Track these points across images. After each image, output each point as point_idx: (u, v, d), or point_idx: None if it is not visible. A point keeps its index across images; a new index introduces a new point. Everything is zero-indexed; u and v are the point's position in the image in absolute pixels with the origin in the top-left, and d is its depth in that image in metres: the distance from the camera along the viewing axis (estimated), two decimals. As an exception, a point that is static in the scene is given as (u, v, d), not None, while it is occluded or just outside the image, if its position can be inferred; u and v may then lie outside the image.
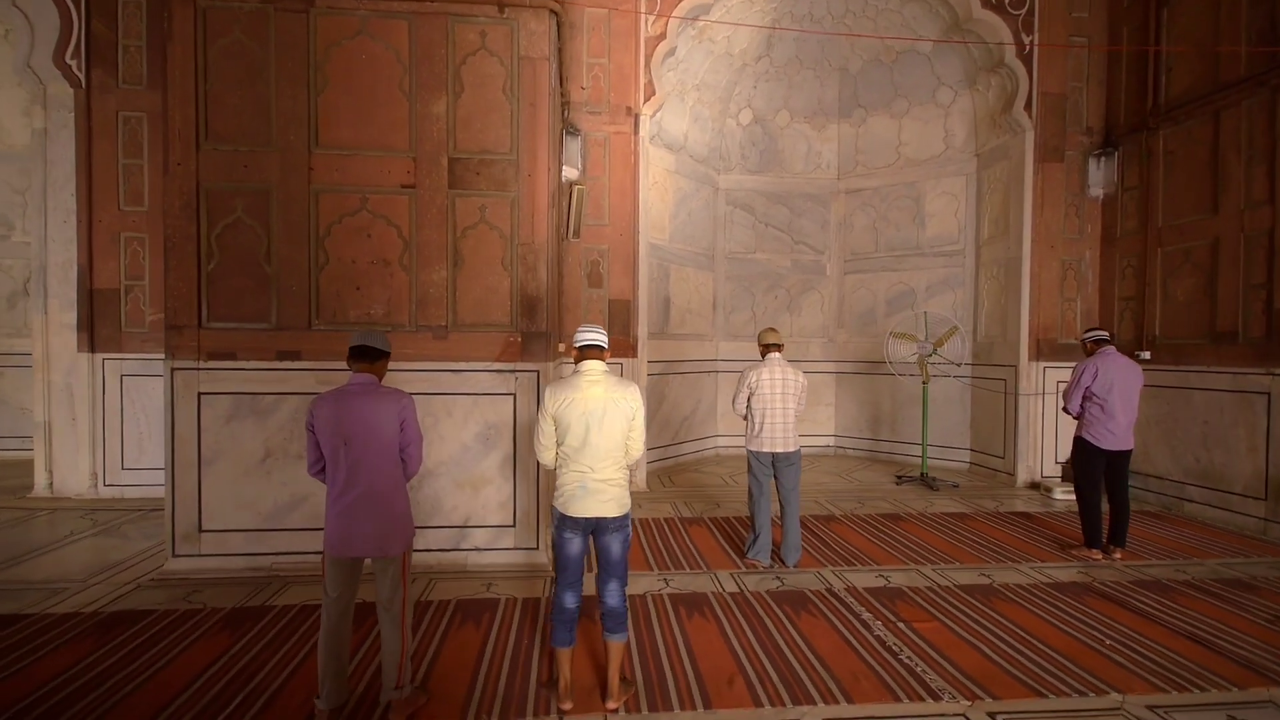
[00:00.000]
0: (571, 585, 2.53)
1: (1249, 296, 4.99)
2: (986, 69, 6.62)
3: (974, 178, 7.10)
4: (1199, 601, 3.57)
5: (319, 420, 2.32)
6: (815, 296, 8.11)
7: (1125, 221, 6.17)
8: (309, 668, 2.71)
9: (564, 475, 2.49)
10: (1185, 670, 2.79)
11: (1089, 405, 4.30)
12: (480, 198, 3.94)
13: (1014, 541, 4.65)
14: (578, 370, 2.53)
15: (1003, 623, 3.26)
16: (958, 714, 2.47)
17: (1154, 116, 5.79)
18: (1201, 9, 5.38)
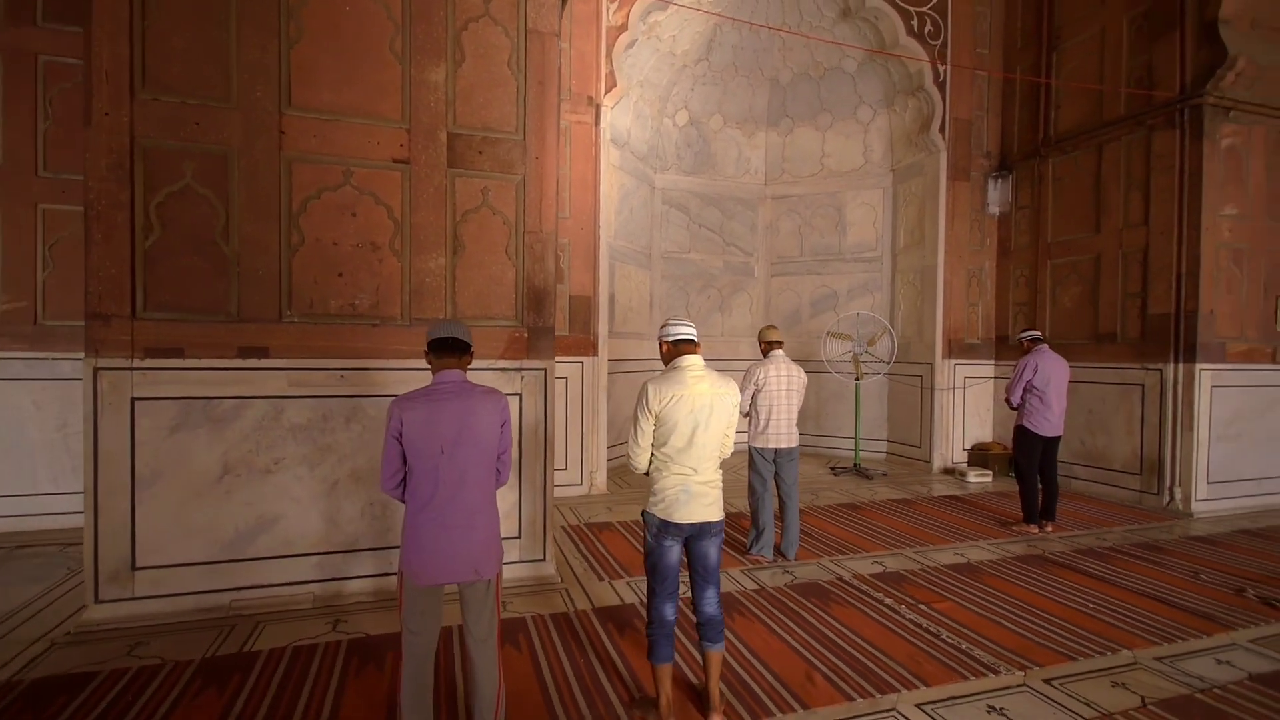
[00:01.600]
0: (671, 596, 2.38)
1: (1127, 304, 5.92)
2: (904, 92, 7.25)
3: (890, 191, 7.75)
4: (1132, 563, 4.16)
5: (411, 426, 1.97)
6: (744, 297, 8.39)
7: (1019, 236, 7.06)
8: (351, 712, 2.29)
9: (664, 479, 2.33)
10: (1162, 625, 3.23)
11: (1029, 397, 4.86)
12: (483, 179, 3.59)
13: (962, 522, 5.13)
14: (677, 366, 2.38)
15: (1002, 597, 3.58)
16: (1020, 684, 2.66)
17: (1045, 146, 6.69)
18: (1087, 54, 6.30)
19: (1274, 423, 5.74)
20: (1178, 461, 5.52)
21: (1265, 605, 3.49)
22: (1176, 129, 5.53)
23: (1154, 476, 5.65)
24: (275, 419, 3.25)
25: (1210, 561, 4.21)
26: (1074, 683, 2.67)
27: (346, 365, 3.35)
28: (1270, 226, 5.70)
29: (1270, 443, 5.74)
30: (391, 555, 3.46)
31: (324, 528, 3.35)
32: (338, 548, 3.37)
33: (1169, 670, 2.78)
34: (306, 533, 3.32)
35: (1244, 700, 2.54)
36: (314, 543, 3.33)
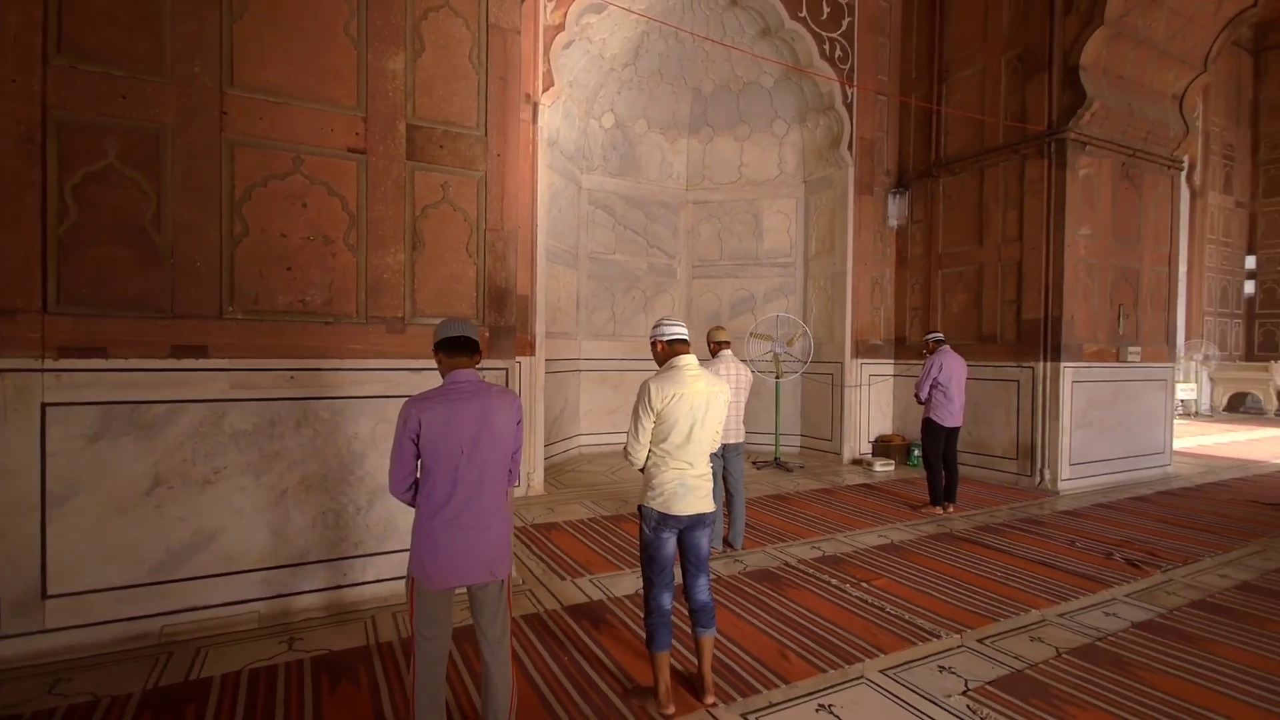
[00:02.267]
0: (669, 586, 2.47)
1: (1005, 310, 6.75)
2: (816, 110, 7.80)
3: (803, 201, 8.29)
4: (1021, 536, 4.78)
5: (430, 426, 1.91)
6: (667, 298, 8.62)
7: (914, 248, 7.82)
8: (343, 738, 2.18)
9: (662, 474, 2.42)
10: (1057, 586, 3.77)
11: (935, 392, 5.42)
12: (443, 174, 3.49)
13: (878, 507, 5.62)
14: (674, 365, 2.48)
15: (926, 571, 3.99)
16: (959, 646, 3.01)
17: (936, 166, 7.46)
18: (971, 88, 7.10)
19: (1117, 412, 6.78)
20: (1046, 446, 6.38)
21: (1129, 565, 4.15)
22: (1045, 159, 6.39)
23: (1028, 460, 6.49)
24: (215, 424, 2.98)
25: (1080, 531, 4.93)
26: (1001, 640, 3.06)
27: (296, 365, 3.13)
28: (1114, 245, 6.72)
29: (1115, 428, 6.77)
30: (345, 566, 3.28)
31: (270, 541, 3.11)
32: (286, 561, 3.15)
33: (1071, 624, 3.26)
34: (250, 547, 3.07)
35: (1132, 644, 3.04)
36: (259, 558, 3.09)
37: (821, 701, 2.50)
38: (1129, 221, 6.84)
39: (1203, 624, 3.27)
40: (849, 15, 7.51)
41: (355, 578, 3.29)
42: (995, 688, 2.61)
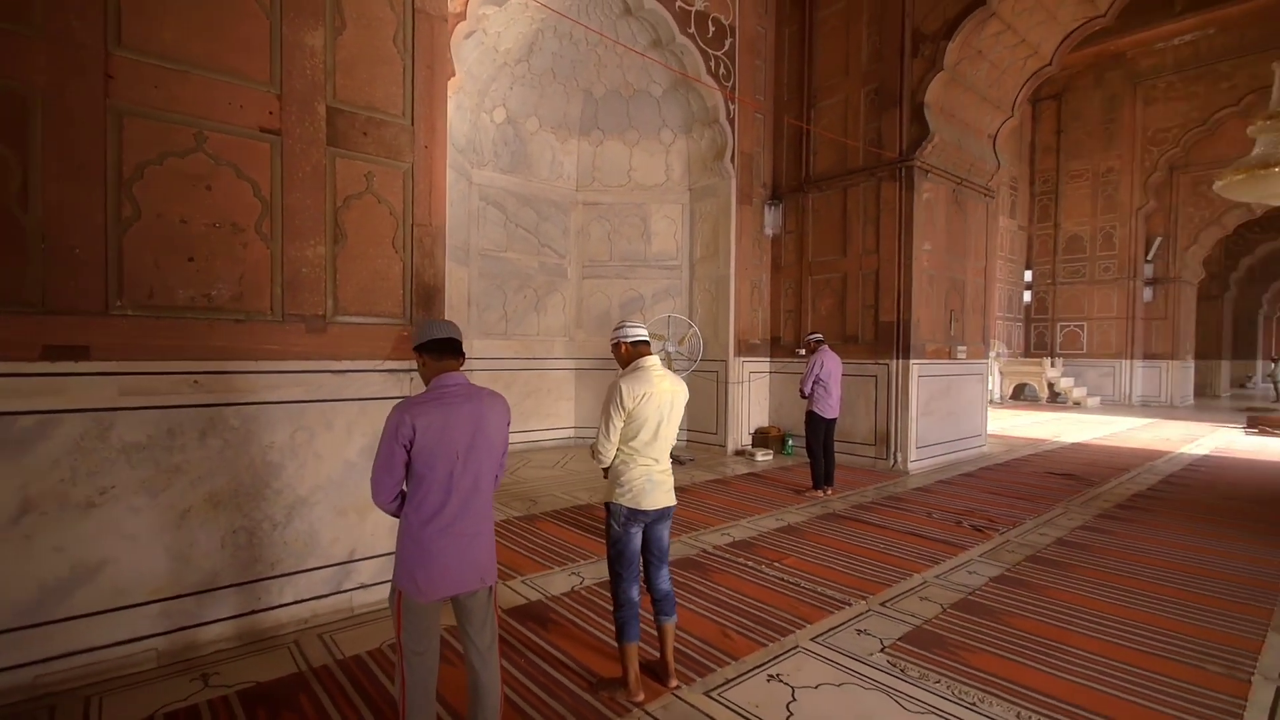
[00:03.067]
0: (636, 578, 2.57)
1: (864, 313, 7.64)
2: (702, 122, 8.24)
3: (688, 207, 8.71)
4: (889, 512, 5.49)
5: (426, 432, 1.84)
6: (559, 298, 8.62)
7: (787, 255, 8.55)
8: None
9: (630, 471, 2.52)
10: (927, 552, 4.40)
11: (816, 388, 6.02)
12: (367, 163, 3.27)
13: (769, 494, 6.12)
14: (640, 366, 2.58)
15: (823, 548, 4.47)
16: (867, 610, 3.43)
17: (806, 182, 8.23)
18: (836, 115, 7.92)
19: (949, 402, 7.95)
20: (899, 433, 7.33)
21: (975, 530, 4.95)
22: (897, 182, 7.32)
23: (884, 446, 7.41)
24: (100, 437, 2.57)
25: (934, 504, 5.76)
26: (898, 602, 3.54)
27: (201, 368, 2.79)
28: (948, 259, 7.87)
29: (948, 416, 7.94)
30: (260, 590, 2.97)
31: (170, 567, 2.74)
32: (190, 589, 2.79)
33: (946, 584, 3.84)
34: (145, 577, 2.69)
35: (994, 595, 3.66)
36: (157, 587, 2.71)
37: (770, 672, 2.75)
38: (958, 239, 8.05)
39: (1037, 574, 4.02)
40: (731, 36, 8.02)
41: (271, 601, 3.00)
42: (905, 643, 3.04)
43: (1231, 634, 3.17)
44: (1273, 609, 3.49)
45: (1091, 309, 16.96)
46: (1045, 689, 2.63)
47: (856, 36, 7.69)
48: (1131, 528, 5.09)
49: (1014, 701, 2.53)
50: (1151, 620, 3.32)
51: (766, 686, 2.63)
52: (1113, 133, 16.17)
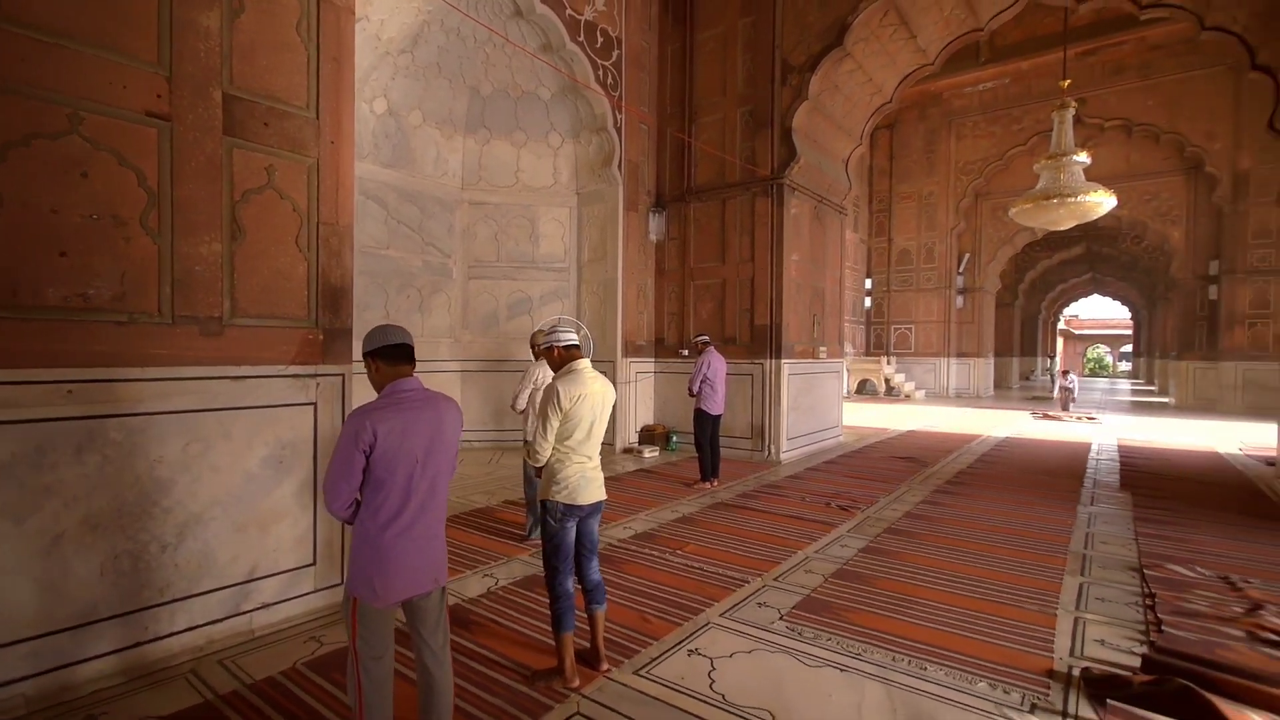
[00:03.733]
0: (570, 571, 2.71)
1: (741, 317, 8.26)
2: (590, 129, 8.43)
3: (576, 211, 8.86)
4: (769, 498, 6.04)
5: (387, 438, 1.85)
6: (443, 298, 8.38)
7: (671, 261, 9.00)
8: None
9: (566, 469, 2.65)
10: (807, 531, 4.94)
11: (704, 386, 6.45)
12: (268, 156, 3.08)
13: (660, 488, 6.45)
14: (574, 369, 2.72)
15: (717, 534, 4.85)
16: (763, 585, 3.82)
17: (688, 192, 8.72)
18: (715, 131, 8.48)
19: (813, 397, 8.83)
20: (772, 427, 8.03)
21: (842, 510, 5.62)
22: (769, 197, 8.02)
23: (760, 439, 8.07)
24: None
25: (805, 489, 6.42)
26: (788, 576, 3.98)
27: (76, 376, 2.50)
28: (811, 268, 8.74)
29: (811, 410, 8.81)
30: (147, 618, 2.71)
31: (39, 601, 2.43)
32: (64, 624, 2.49)
33: (824, 557, 4.37)
34: (11, 613, 2.36)
35: (864, 564, 4.22)
36: (24, 624, 2.39)
37: (689, 648, 3.01)
38: (819, 251, 8.96)
39: (893, 543, 4.68)
40: (618, 48, 8.29)
41: (161, 629, 2.74)
42: (799, 610, 3.45)
43: (1039, 579, 3.95)
44: (1066, 557, 4.38)
45: (918, 313, 19.45)
46: (909, 635, 3.14)
47: (733, 61, 8.29)
48: (959, 499, 6.05)
49: (888, 649, 3.00)
50: (980, 573, 4.04)
51: (688, 660, 2.89)
52: (933, 162, 18.67)
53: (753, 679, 2.73)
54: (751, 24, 8.16)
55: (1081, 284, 30.30)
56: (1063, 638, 3.16)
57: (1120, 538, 4.87)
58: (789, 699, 2.57)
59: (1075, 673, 2.78)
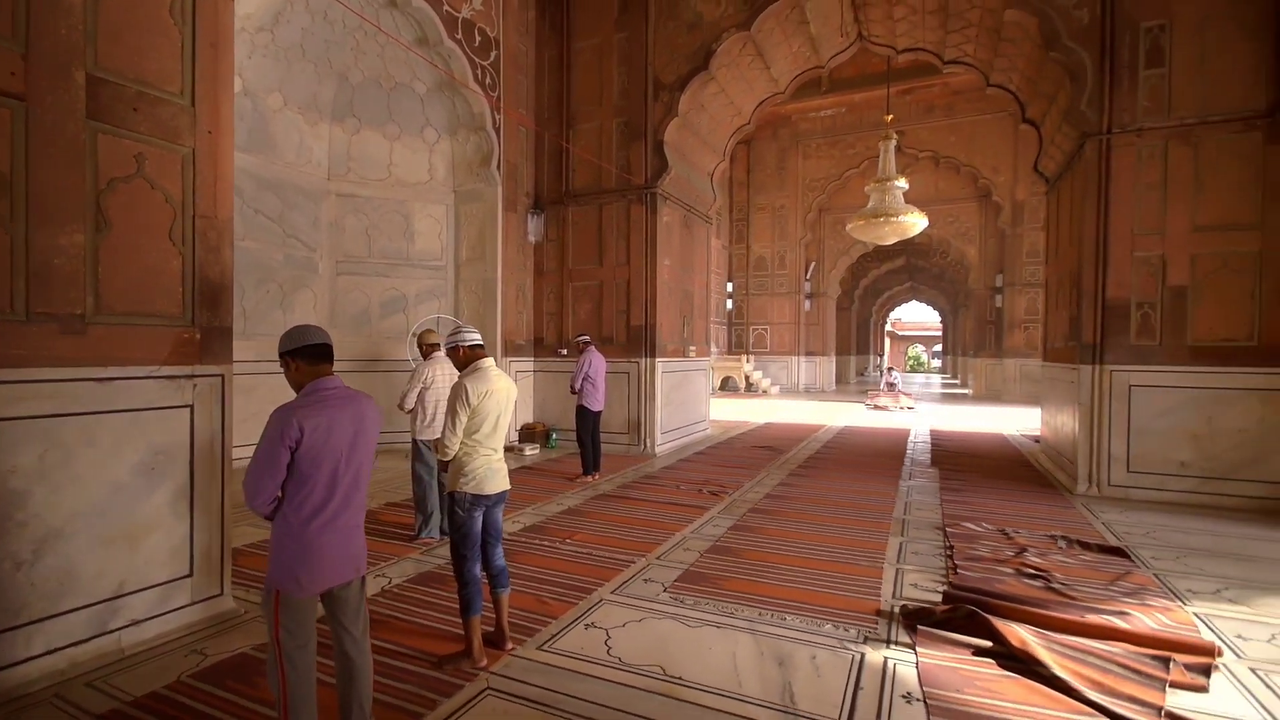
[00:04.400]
0: (478, 558, 2.88)
1: (618, 317, 8.67)
2: (468, 127, 8.37)
3: (453, 208, 8.74)
4: (648, 487, 6.48)
5: (313, 434, 1.93)
6: (308, 294, 7.89)
7: (549, 262, 9.18)
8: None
9: (473, 461, 2.82)
10: (684, 514, 5.42)
11: (585, 384, 6.75)
12: (139, 143, 2.90)
13: (544, 483, 6.65)
14: (480, 367, 2.89)
15: (603, 524, 5.17)
16: (648, 564, 4.21)
17: (566, 196, 8.97)
18: (592, 138, 8.80)
19: (683, 393, 9.47)
20: (647, 422, 8.52)
21: (712, 494, 6.19)
22: (644, 205, 8.50)
23: (636, 433, 8.53)
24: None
25: (679, 478, 6.95)
26: (669, 555, 4.40)
27: (-89, 380, 2.24)
28: (681, 273, 9.36)
29: (682, 405, 9.44)
30: None
31: None
32: (-104, 658, 2.22)
33: (699, 536, 4.85)
34: None
35: (732, 539, 4.76)
36: None
37: (586, 622, 3.30)
38: (688, 256, 9.62)
39: (757, 521, 5.30)
40: (496, 49, 8.32)
41: (16, 655, 2.51)
42: (680, 582, 3.86)
43: (870, 540, 4.72)
44: (890, 522, 5.24)
45: (773, 315, 21.20)
46: (771, 594, 3.67)
47: (609, 73, 8.66)
48: (809, 480, 6.90)
49: (754, 606, 3.49)
50: (826, 539, 4.74)
51: (585, 633, 3.17)
52: (784, 178, 20.46)
53: (644, 642, 3.08)
54: (626, 39, 8.59)
55: (903, 291, 34.61)
56: (887, 585, 3.86)
57: (930, 504, 5.88)
58: (676, 654, 2.95)
59: (896, 610, 3.44)
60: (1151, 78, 6.00)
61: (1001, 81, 8.11)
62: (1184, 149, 5.92)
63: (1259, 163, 5.70)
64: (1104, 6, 6.13)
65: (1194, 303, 5.92)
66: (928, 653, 2.94)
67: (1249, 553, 4.49)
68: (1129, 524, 5.25)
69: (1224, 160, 5.80)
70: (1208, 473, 5.86)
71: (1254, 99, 5.70)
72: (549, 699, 2.56)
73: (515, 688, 2.65)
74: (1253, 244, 5.73)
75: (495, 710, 2.49)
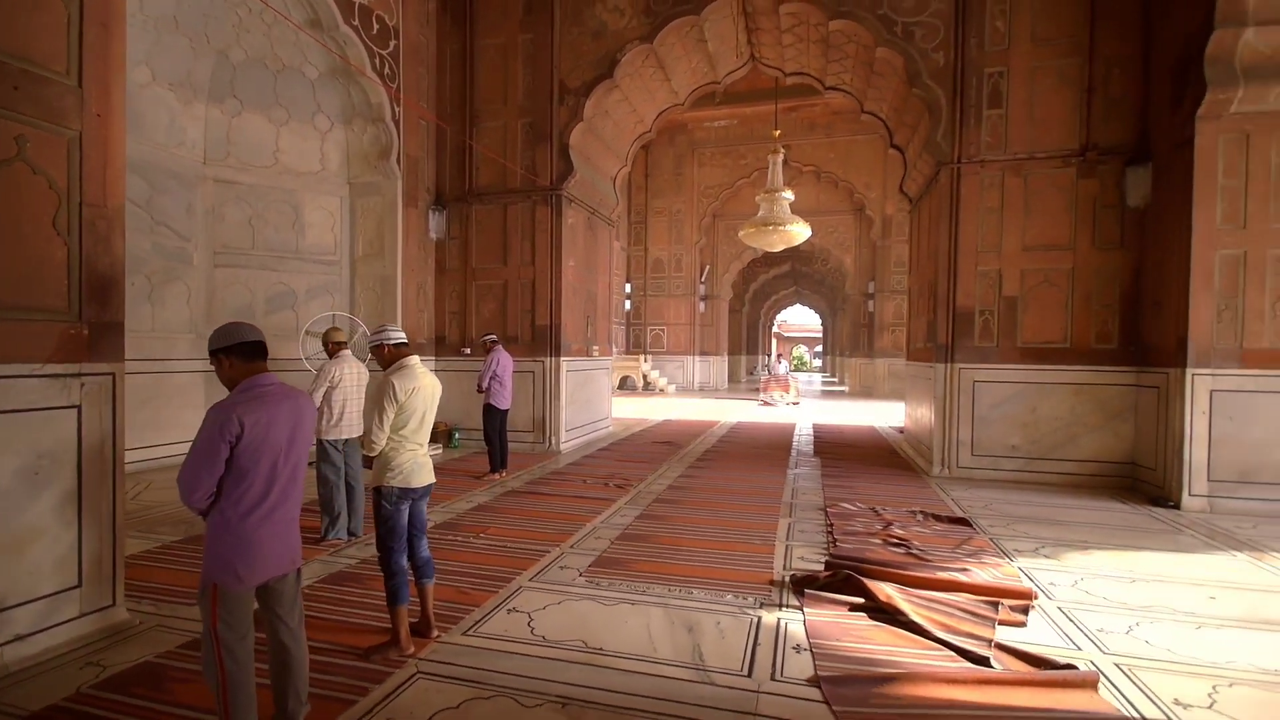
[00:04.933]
0: (404, 550, 2.95)
1: (523, 317, 8.74)
2: (365, 118, 8.08)
3: (348, 201, 8.39)
4: (557, 482, 6.66)
5: (253, 429, 1.97)
6: (181, 287, 7.28)
7: (452, 260, 9.06)
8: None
9: (400, 456, 2.90)
10: (592, 506, 5.66)
11: (493, 383, 6.80)
12: (19, 124, 2.70)
13: (452, 482, 6.59)
14: (406, 365, 2.97)
15: (515, 518, 5.30)
16: (562, 553, 4.40)
17: (469, 194, 8.89)
18: (497, 138, 8.79)
19: (587, 391, 9.69)
20: (552, 419, 8.66)
21: (618, 487, 6.47)
22: (549, 206, 8.63)
23: (542, 431, 8.65)
24: None
25: (585, 473, 7.17)
26: (582, 543, 4.62)
27: None
28: (585, 274, 9.58)
29: (586, 404, 9.66)
30: None
31: None
32: None
33: (609, 525, 5.11)
34: None
35: (639, 526, 5.06)
36: None
37: (508, 608, 3.45)
38: (591, 258, 9.85)
39: (662, 509, 5.64)
40: (396, 38, 8.10)
41: (-123, 681, 2.28)
42: (594, 567, 4.10)
43: (763, 522, 5.21)
44: (780, 506, 5.78)
45: (669, 316, 21.93)
46: (678, 573, 4.00)
47: (514, 74, 8.70)
48: (707, 471, 7.38)
49: (664, 584, 3.80)
50: (724, 524, 5.17)
51: (508, 617, 3.33)
52: (680, 183, 21.23)
53: (565, 621, 3.29)
54: (531, 41, 8.66)
55: (788, 295, 36.90)
56: (778, 559, 4.32)
57: (813, 489, 6.53)
58: (595, 629, 3.19)
59: (786, 579, 3.89)
60: (992, 117, 7.01)
61: (873, 109, 9.06)
62: (1017, 179, 6.99)
63: (1072, 194, 6.85)
64: (956, 51, 7.08)
65: (1023, 311, 7.01)
66: (813, 612, 3.39)
67: (1060, 518, 5.44)
68: (972, 499, 6.14)
69: (1047, 190, 6.91)
70: (1032, 454, 6.95)
71: (1070, 140, 6.84)
72: (479, 676, 2.70)
73: (445, 669, 2.77)
74: (1067, 262, 6.87)
75: (428, 690, 2.60)
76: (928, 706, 2.52)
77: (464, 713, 2.45)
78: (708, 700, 2.55)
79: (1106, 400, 6.76)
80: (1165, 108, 6.23)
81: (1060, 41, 6.80)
